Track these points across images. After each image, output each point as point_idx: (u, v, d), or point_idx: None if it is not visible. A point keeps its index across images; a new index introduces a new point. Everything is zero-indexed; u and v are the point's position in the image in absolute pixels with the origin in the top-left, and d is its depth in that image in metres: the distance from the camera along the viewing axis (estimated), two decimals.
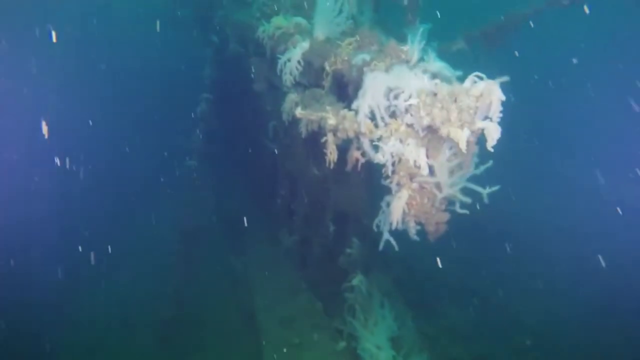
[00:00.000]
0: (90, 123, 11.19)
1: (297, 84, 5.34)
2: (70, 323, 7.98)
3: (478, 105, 3.14)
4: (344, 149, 4.29)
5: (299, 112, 4.07)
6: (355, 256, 7.37)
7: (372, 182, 5.70)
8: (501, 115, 3.22)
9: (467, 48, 5.99)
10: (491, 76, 3.29)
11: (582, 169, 12.24)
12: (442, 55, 6.33)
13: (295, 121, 5.67)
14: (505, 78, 3.12)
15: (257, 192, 8.97)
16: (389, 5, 5.99)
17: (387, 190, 4.00)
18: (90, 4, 15.41)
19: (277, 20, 5.44)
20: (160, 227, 8.78)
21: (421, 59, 4.02)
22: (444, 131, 3.18)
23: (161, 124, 11.05)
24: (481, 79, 3.33)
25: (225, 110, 8.86)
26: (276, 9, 6.27)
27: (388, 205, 4.11)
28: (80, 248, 8.51)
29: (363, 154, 4.06)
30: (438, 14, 6.25)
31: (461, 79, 3.69)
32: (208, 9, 8.24)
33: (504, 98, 3.14)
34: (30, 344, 8.04)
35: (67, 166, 9.85)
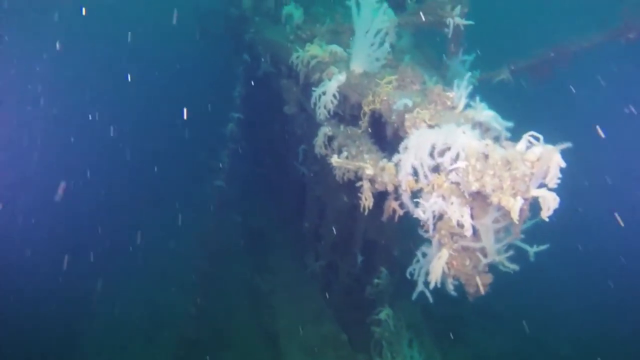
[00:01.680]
0: (116, 140, 11.29)
1: (332, 115, 5.13)
2: (93, 339, 8.04)
3: (534, 172, 2.84)
4: (380, 195, 4.06)
5: (335, 160, 3.85)
6: (383, 287, 7.14)
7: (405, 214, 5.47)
8: (559, 182, 2.93)
9: (511, 79, 5.65)
10: (541, 121, 3.02)
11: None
12: (484, 85, 6.03)
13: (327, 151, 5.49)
14: (568, 144, 2.80)
15: (284, 213, 8.82)
16: (429, 32, 5.70)
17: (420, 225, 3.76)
18: (122, 18, 15.57)
19: (313, 50, 5.22)
20: (186, 246, 8.75)
21: (468, 106, 3.74)
22: (494, 199, 2.89)
23: (190, 143, 11.05)
24: (537, 139, 3.04)
25: (255, 130, 8.74)
26: (311, 34, 6.06)
27: (424, 255, 3.86)
28: (104, 265, 8.63)
29: (401, 206, 3.81)
30: (482, 44, 5.91)
31: (515, 134, 3.40)
32: (240, 26, 8.12)
33: (564, 165, 2.84)
34: (59, 347, 8.17)
35: (94, 181, 9.98)
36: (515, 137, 3.66)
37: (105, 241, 9.41)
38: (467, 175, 2.96)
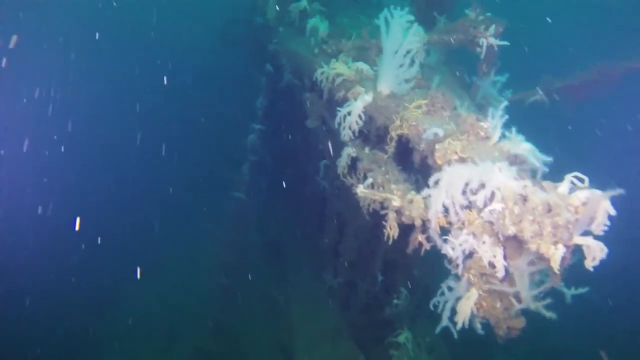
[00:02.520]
0: (138, 149, 11.34)
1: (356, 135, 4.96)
2: (110, 344, 8.07)
3: (578, 219, 2.62)
4: (406, 226, 3.87)
5: (360, 190, 3.69)
6: (402, 308, 6.93)
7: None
8: (607, 229, 2.70)
9: (546, 101, 5.36)
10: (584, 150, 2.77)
11: None
12: (517, 106, 5.76)
13: (349, 172, 5.32)
14: (619, 191, 2.57)
15: (304, 227, 8.69)
16: (459, 51, 5.47)
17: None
18: (143, 26, 15.62)
19: (339, 67, 5.06)
20: (203, 258, 8.71)
21: (503, 136, 3.52)
22: (532, 246, 2.69)
23: (210, 154, 11.02)
24: (582, 180, 2.81)
25: (276, 142, 8.62)
26: (337, 49, 5.90)
27: (450, 289, 3.67)
28: (120, 278, 8.67)
29: (428, 239, 3.62)
30: (516, 62, 5.63)
31: (554, 173, 3.18)
32: (263, 35, 8.02)
33: (613, 212, 2.61)
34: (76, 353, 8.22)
35: (117, 190, 10.05)
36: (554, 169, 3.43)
37: (125, 249, 9.46)
38: (504, 218, 2.76)
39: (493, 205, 2.79)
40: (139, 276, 8.48)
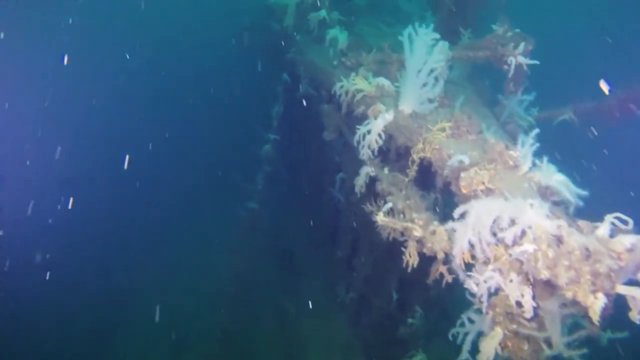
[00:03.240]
0: (151, 155, 11.31)
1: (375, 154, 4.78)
2: (118, 356, 8.03)
3: (622, 266, 2.42)
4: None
5: (380, 219, 3.51)
6: (417, 328, 6.72)
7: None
8: None
9: (575, 120, 5.11)
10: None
11: None
12: (544, 125, 5.51)
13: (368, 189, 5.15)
14: None
15: (317, 239, 8.54)
16: (482, 65, 5.24)
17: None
18: (159, 31, 15.58)
19: (359, 83, 4.89)
20: (215, 266, 8.62)
21: (533, 165, 3.32)
22: (568, 294, 2.49)
23: (225, 163, 10.92)
24: (625, 222, 2.60)
25: (291, 153, 8.49)
26: (356, 62, 5.73)
27: (470, 321, 3.48)
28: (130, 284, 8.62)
29: (449, 271, 3.43)
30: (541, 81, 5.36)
31: (593, 211, 2.96)
32: (281, 43, 7.89)
33: None
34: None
35: (125, 201, 10.08)
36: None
37: (136, 256, 9.42)
38: (536, 261, 2.57)
39: (524, 245, 2.60)
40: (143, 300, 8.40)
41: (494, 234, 2.86)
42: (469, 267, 3.33)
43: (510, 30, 4.62)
